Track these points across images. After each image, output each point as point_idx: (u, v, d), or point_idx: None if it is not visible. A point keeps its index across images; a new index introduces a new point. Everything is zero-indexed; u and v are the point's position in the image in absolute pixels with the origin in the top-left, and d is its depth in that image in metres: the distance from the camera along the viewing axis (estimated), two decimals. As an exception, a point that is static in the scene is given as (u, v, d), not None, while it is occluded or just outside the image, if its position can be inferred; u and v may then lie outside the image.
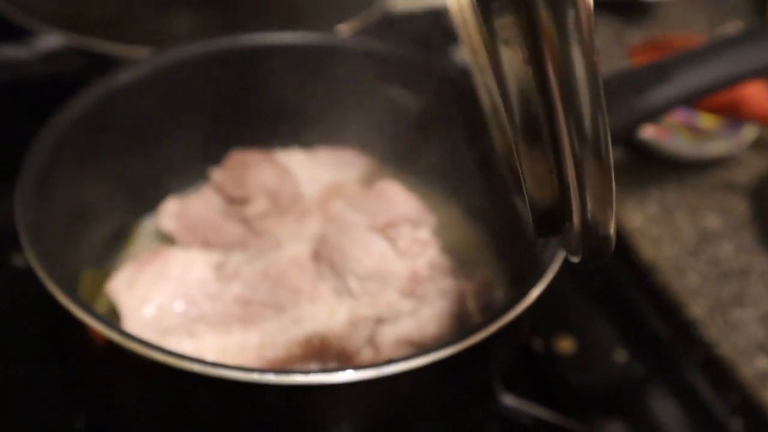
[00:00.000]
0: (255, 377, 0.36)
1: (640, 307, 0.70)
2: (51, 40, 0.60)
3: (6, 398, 0.59)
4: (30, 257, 0.42)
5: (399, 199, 0.49)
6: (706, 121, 0.79)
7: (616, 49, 0.96)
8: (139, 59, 0.56)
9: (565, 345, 0.66)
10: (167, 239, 0.54)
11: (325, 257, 0.48)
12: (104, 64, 0.59)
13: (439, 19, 1.01)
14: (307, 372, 0.37)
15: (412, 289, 0.47)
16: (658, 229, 0.75)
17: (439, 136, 0.56)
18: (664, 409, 0.64)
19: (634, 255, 0.72)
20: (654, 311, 0.69)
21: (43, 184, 0.47)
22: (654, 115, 0.53)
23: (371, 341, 0.47)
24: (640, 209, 0.76)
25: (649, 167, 0.79)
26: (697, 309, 0.68)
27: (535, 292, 0.41)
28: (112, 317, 0.47)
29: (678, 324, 0.68)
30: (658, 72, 0.55)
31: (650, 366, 0.66)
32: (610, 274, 0.72)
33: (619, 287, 0.71)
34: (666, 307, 0.69)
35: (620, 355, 0.66)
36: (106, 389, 0.46)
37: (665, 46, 0.80)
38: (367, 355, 0.47)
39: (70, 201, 0.50)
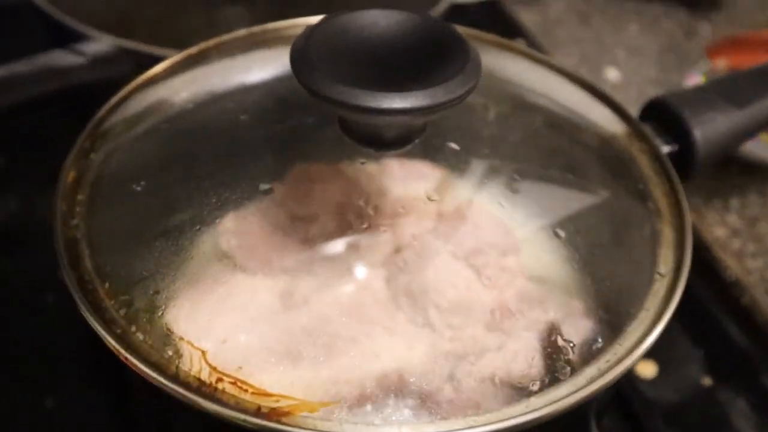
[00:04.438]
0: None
1: (726, 326, 0.65)
2: (102, 44, 0.57)
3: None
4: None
5: (484, 223, 0.45)
6: (790, 122, 0.74)
7: (689, 45, 0.90)
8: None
9: (647, 369, 0.62)
10: (226, 258, 0.50)
11: (403, 286, 0.44)
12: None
13: (499, 9, 0.97)
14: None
15: (498, 323, 0.43)
16: (740, 241, 0.70)
17: (517, 144, 0.52)
18: (754, 437, 0.60)
19: (717, 270, 0.68)
20: (740, 331, 0.65)
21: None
22: (761, 127, 0.49)
23: (452, 378, 0.43)
24: (720, 220, 0.72)
25: (729, 174, 0.74)
26: (787, 329, 0.64)
27: (645, 344, 0.37)
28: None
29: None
30: (764, 76, 0.50)
31: (738, 390, 0.62)
32: (691, 291, 0.67)
33: (702, 305, 0.67)
34: (754, 326, 0.64)
35: (705, 379, 0.62)
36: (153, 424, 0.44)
37: (750, 44, 0.74)
38: (447, 392, 0.43)
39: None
